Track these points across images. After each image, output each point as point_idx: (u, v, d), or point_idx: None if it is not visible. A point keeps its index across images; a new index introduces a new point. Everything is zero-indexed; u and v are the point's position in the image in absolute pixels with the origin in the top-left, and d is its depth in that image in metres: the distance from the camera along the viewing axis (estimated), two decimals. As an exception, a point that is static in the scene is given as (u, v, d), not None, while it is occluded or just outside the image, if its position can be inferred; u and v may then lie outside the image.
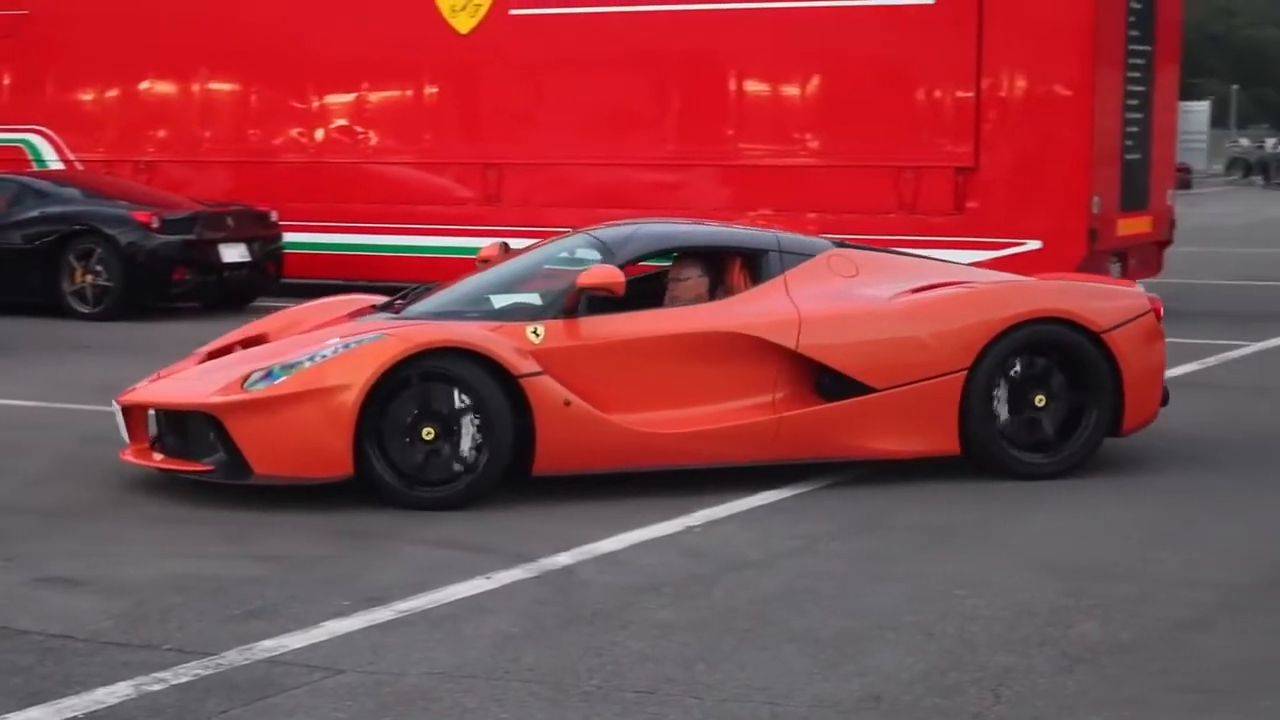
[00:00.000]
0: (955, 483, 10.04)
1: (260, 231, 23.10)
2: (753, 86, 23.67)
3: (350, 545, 8.64)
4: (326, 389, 9.34)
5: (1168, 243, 23.59)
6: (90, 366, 16.18)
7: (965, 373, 10.42)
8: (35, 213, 22.78)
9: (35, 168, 26.94)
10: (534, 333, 9.94)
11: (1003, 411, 10.43)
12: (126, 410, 10.06)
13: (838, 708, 5.95)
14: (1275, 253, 32.75)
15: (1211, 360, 16.98)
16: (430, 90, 25.52)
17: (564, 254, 11.20)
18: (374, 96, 25.85)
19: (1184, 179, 69.11)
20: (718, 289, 10.68)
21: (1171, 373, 12.45)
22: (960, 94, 21.78)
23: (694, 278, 10.61)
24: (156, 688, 6.21)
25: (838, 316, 10.59)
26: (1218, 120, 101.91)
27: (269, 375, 9.50)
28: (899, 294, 10.83)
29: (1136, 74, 22.15)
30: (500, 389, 9.54)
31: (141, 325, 20.55)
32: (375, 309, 11.23)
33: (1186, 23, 26.94)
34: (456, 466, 9.54)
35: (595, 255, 10.64)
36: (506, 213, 24.32)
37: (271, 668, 6.47)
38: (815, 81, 23.22)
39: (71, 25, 27.97)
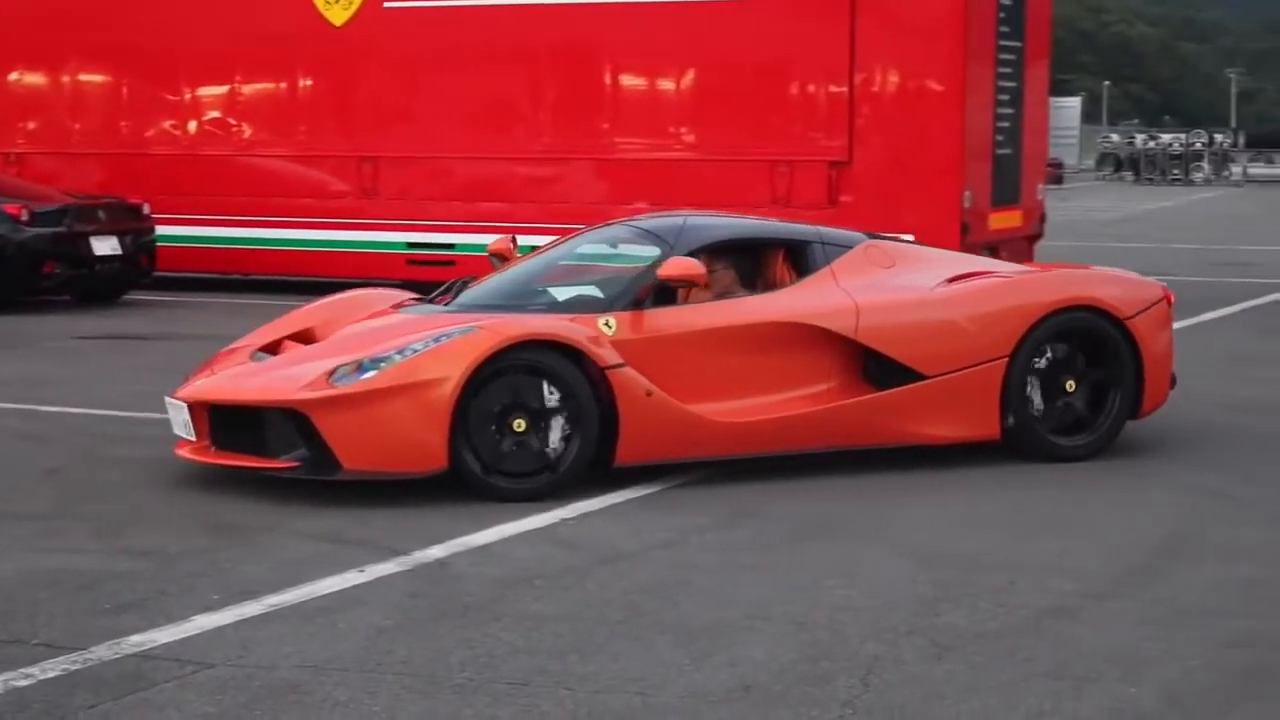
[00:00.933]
0: (829, 474, 10.10)
1: (132, 224, 22.84)
2: (628, 80, 23.70)
3: (222, 539, 8.56)
4: (421, 383, 9.36)
5: (1038, 237, 23.84)
6: None
7: (1006, 359, 10.76)
8: None
9: None
10: (606, 324, 10.04)
11: (1036, 397, 10.78)
12: (191, 407, 9.90)
13: (709, 698, 5.98)
14: (1143, 247, 33.10)
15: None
16: (305, 82, 25.34)
17: (609, 246, 11.61)
18: (248, 88, 25.63)
19: (1055, 174, 69.80)
20: (758, 282, 10.89)
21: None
22: (834, 89, 21.86)
23: (720, 270, 10.71)
24: (24, 683, 6.16)
25: (891, 306, 10.86)
26: (1089, 116, 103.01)
27: (359, 369, 9.51)
28: (940, 284, 11.15)
29: (1007, 69, 22.35)
30: (588, 381, 9.69)
31: (10, 319, 20.31)
32: (418, 302, 11.34)
33: (1057, 19, 27.18)
34: (545, 458, 9.63)
35: (650, 248, 10.83)
36: (382, 206, 24.37)
37: (141, 662, 6.42)
38: (690, 75, 23.29)
39: None
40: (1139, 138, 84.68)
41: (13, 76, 27.01)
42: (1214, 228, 41.07)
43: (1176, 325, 12.27)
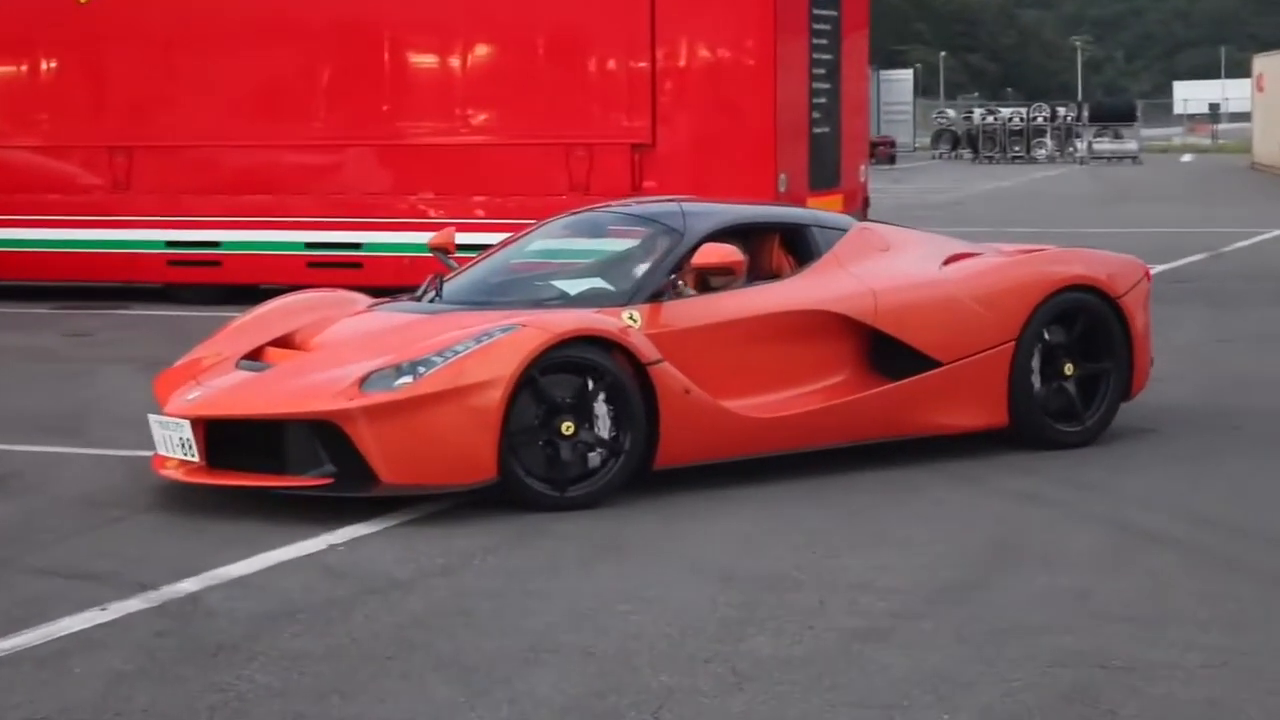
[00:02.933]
0: (627, 490, 10.02)
1: None
2: (412, 58, 23.56)
3: (-52, 576, 8.37)
4: (468, 386, 9.30)
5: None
6: None
7: (1014, 343, 11.12)
8: None
9: None
10: (630, 318, 10.10)
11: (1037, 381, 11.20)
12: (194, 424, 9.67)
13: None
14: (979, 230, 33.39)
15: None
16: (49, 64, 24.86)
17: (599, 234, 11.90)
18: None
19: (887, 153, 70.62)
20: (755, 269, 10.98)
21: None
22: (634, 64, 21.84)
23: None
24: None
25: (904, 290, 11.09)
26: (925, 90, 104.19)
27: (398, 373, 9.41)
28: (940, 267, 11.47)
29: (823, 41, 22.35)
30: (634, 378, 9.80)
31: None
32: (396, 299, 11.51)
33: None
34: (594, 461, 9.71)
35: (648, 235, 11.05)
36: (137, 201, 23.92)
37: None
38: (480, 52, 23.16)
39: None
40: (977, 112, 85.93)
41: None
42: (1055, 208, 41.69)
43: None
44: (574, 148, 22.10)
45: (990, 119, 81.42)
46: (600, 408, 9.67)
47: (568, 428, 9.55)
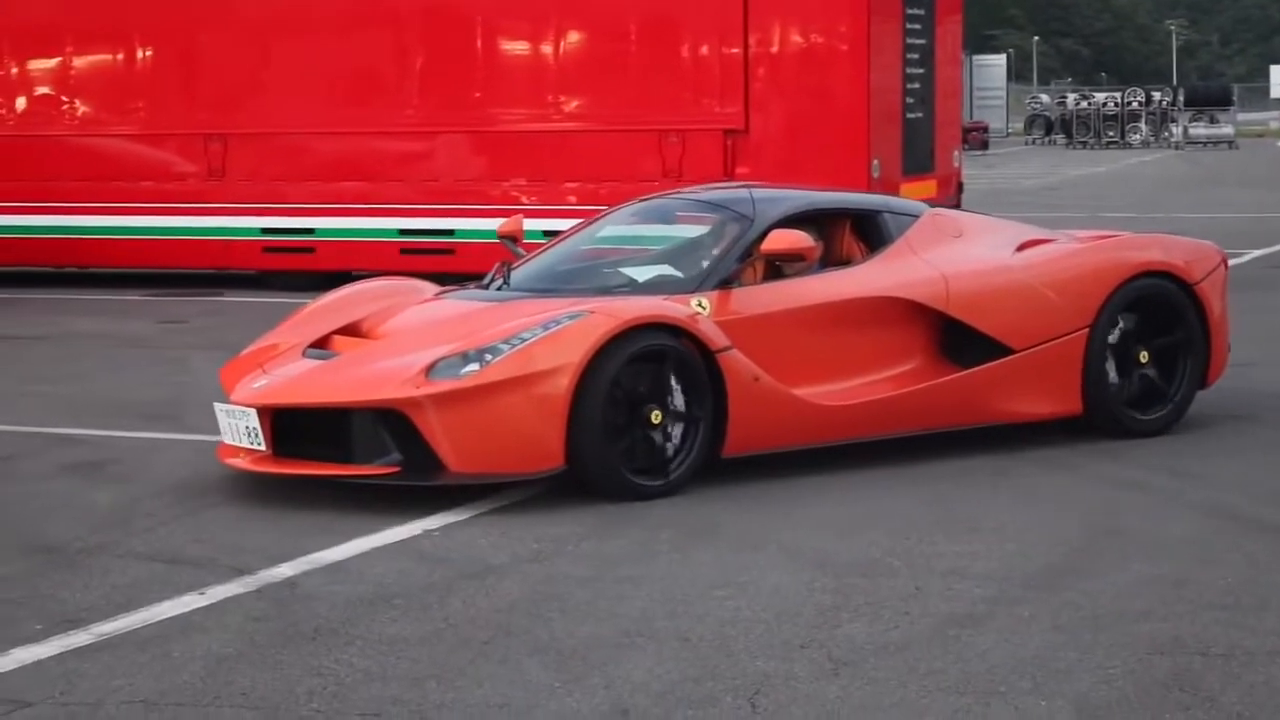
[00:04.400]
0: (717, 476, 10.02)
1: None
2: (505, 45, 23.48)
3: (45, 562, 8.44)
4: (536, 374, 9.23)
5: (954, 208, 23.17)
6: None
7: (1087, 330, 11.00)
8: None
9: None
10: (700, 305, 10.00)
11: (1111, 369, 11.07)
12: (261, 413, 9.65)
13: None
14: (1069, 217, 33.35)
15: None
16: (145, 53, 24.91)
17: (667, 220, 11.76)
18: (81, 61, 25.18)
19: (980, 138, 70.39)
20: (826, 255, 10.84)
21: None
22: (727, 51, 21.75)
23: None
24: None
25: (976, 276, 11.00)
26: (1018, 75, 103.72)
27: (464, 362, 9.33)
28: (1013, 253, 11.36)
29: (916, 26, 22.26)
30: (704, 365, 9.71)
31: None
32: (463, 287, 11.39)
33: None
34: (666, 451, 9.62)
35: (732, 222, 10.79)
36: (232, 188, 24.05)
37: (-49, 702, 6.37)
38: (573, 39, 23.07)
39: None
40: (1071, 97, 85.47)
41: None
42: (1149, 193, 41.52)
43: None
44: (667, 134, 22.02)
45: (1084, 104, 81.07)
46: (675, 387, 9.60)
47: (656, 416, 9.51)
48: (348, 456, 9.45)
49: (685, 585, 7.85)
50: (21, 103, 25.31)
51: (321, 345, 10.35)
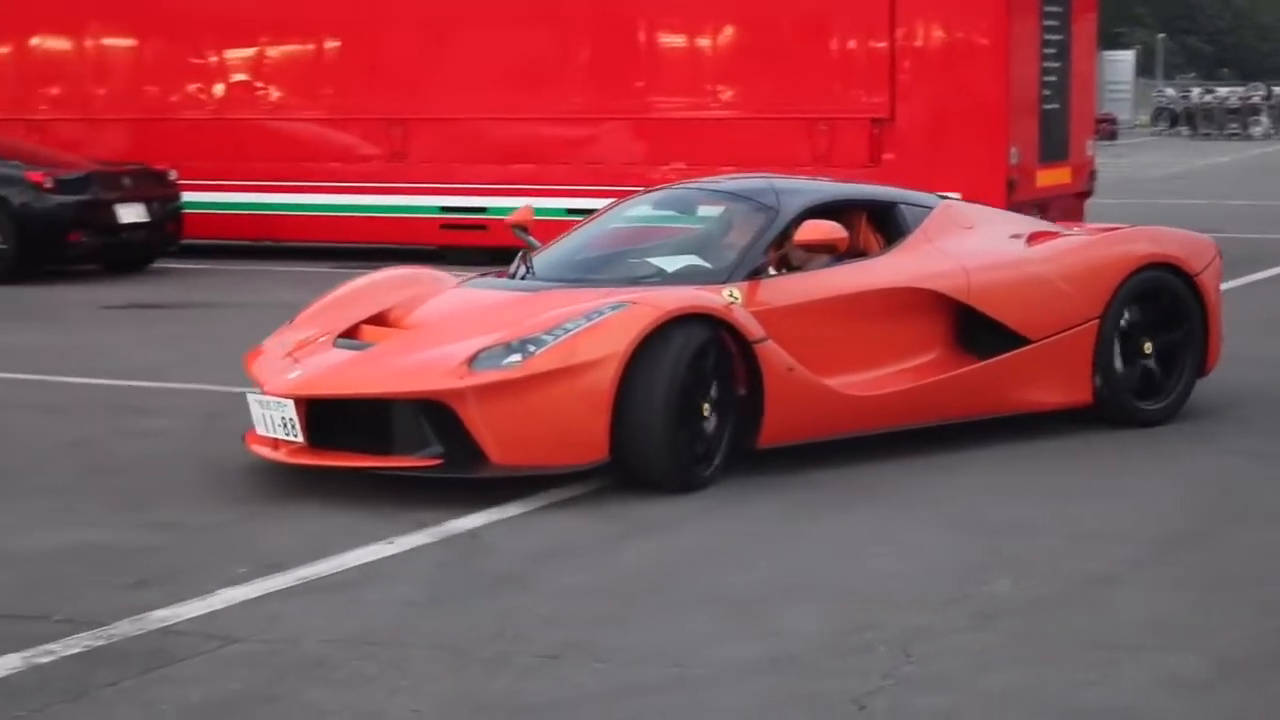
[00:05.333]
0: (875, 440, 10.04)
1: (158, 191, 23.00)
2: (664, 38, 23.67)
3: (247, 511, 8.60)
4: (579, 365, 8.77)
5: (1088, 194, 23.89)
6: None
7: (1098, 321, 10.67)
8: None
9: None
10: (731, 296, 9.60)
11: (1118, 360, 10.74)
12: (298, 403, 9.09)
13: (746, 669, 5.99)
14: (1196, 204, 33.21)
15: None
16: (332, 43, 25.42)
17: (686, 210, 11.31)
18: (274, 50, 25.66)
19: (1109, 129, 69.74)
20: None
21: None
22: (874, 44, 21.84)
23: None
24: (46, 660, 6.20)
25: (994, 267, 10.70)
26: (1144, 69, 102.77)
27: (507, 351, 8.87)
28: (1026, 245, 11.07)
29: (1054, 22, 22.31)
30: (743, 356, 9.37)
31: (36, 288, 20.54)
32: (485, 275, 11.09)
33: (1108, -30, 27.32)
34: (705, 443, 9.19)
35: (757, 212, 10.41)
36: (412, 169, 24.46)
37: (164, 637, 6.46)
38: (728, 32, 23.27)
39: None
40: (1195, 91, 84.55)
41: (34, 41, 27.06)
42: (1271, 183, 41.10)
43: (1230, 284, 12.33)
44: (816, 122, 22.06)
45: (1208, 98, 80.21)
46: (712, 385, 9.17)
47: (706, 409, 9.11)
48: (387, 448, 8.98)
49: (843, 541, 7.92)
50: (220, 89, 25.79)
51: (351, 335, 9.87)
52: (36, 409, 11.88)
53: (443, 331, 9.47)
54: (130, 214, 22.52)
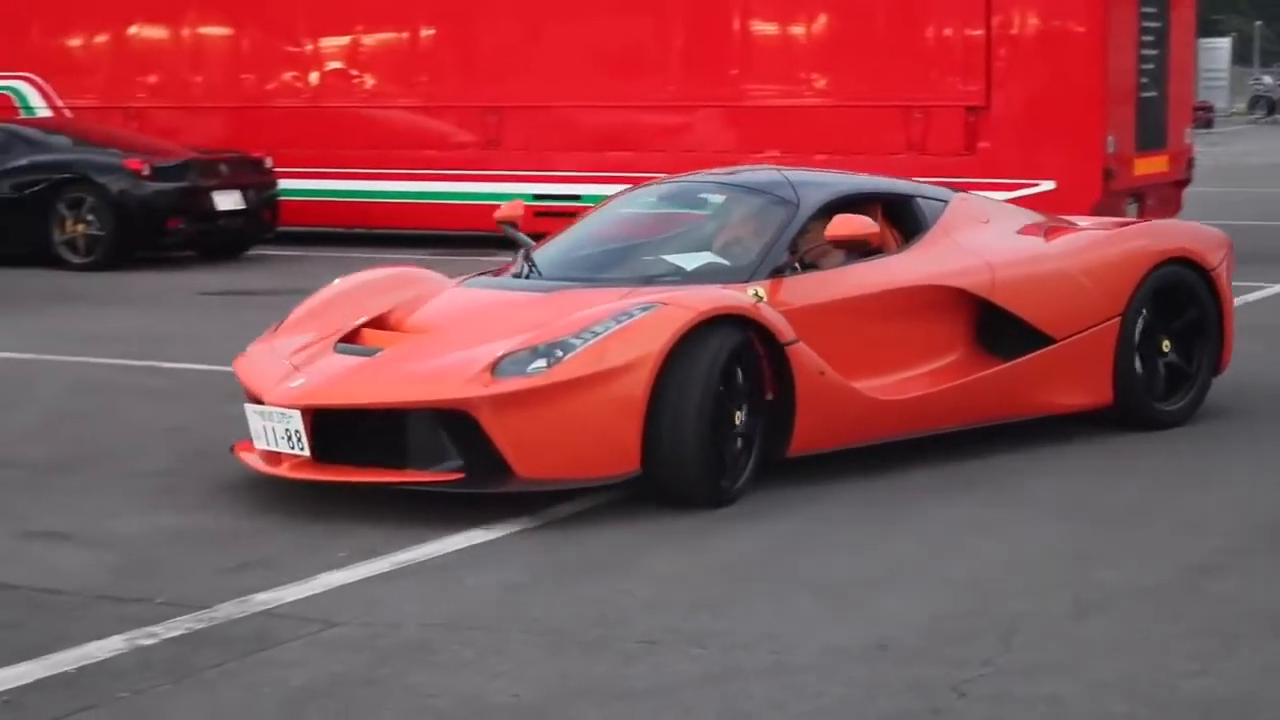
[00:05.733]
0: (971, 429, 10.02)
1: (255, 179, 23.38)
2: (759, 26, 23.75)
3: (347, 497, 8.61)
4: (609, 370, 8.20)
5: (1186, 182, 23.77)
6: (81, 318, 16.50)
7: (1119, 319, 10.32)
8: (24, 161, 23.02)
9: (23, 115, 27.27)
10: (756, 295, 9.02)
11: (1136, 359, 10.38)
12: (305, 414, 8.46)
13: (845, 655, 5.99)
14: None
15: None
16: (427, 32, 25.58)
17: (698, 204, 10.60)
18: (369, 39, 25.98)
19: (1205, 117, 69.35)
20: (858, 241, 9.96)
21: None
22: (970, 31, 21.84)
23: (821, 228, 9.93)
24: (148, 641, 6.27)
25: (1019, 264, 10.34)
26: (1240, 57, 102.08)
27: (533, 356, 8.29)
28: (1046, 239, 10.74)
29: (1151, 9, 22.26)
30: (771, 359, 8.87)
31: (134, 275, 20.86)
32: (482, 274, 10.48)
33: (1206, -44, 27.35)
34: (736, 451, 8.64)
35: (776, 207, 9.91)
36: (506, 157, 24.55)
37: (267, 620, 6.54)
38: (822, 19, 23.33)
39: None
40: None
41: (132, 30, 27.56)
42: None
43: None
44: (911, 110, 22.13)
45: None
46: (744, 391, 8.65)
47: (738, 417, 8.59)
48: (401, 461, 8.39)
49: (942, 530, 7.93)
50: (315, 77, 26.12)
51: (352, 340, 9.23)
52: (137, 393, 12.05)
53: (456, 335, 8.93)
54: (227, 201, 22.78)
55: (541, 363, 8.15)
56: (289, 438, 8.43)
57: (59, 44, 28.65)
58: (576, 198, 23.69)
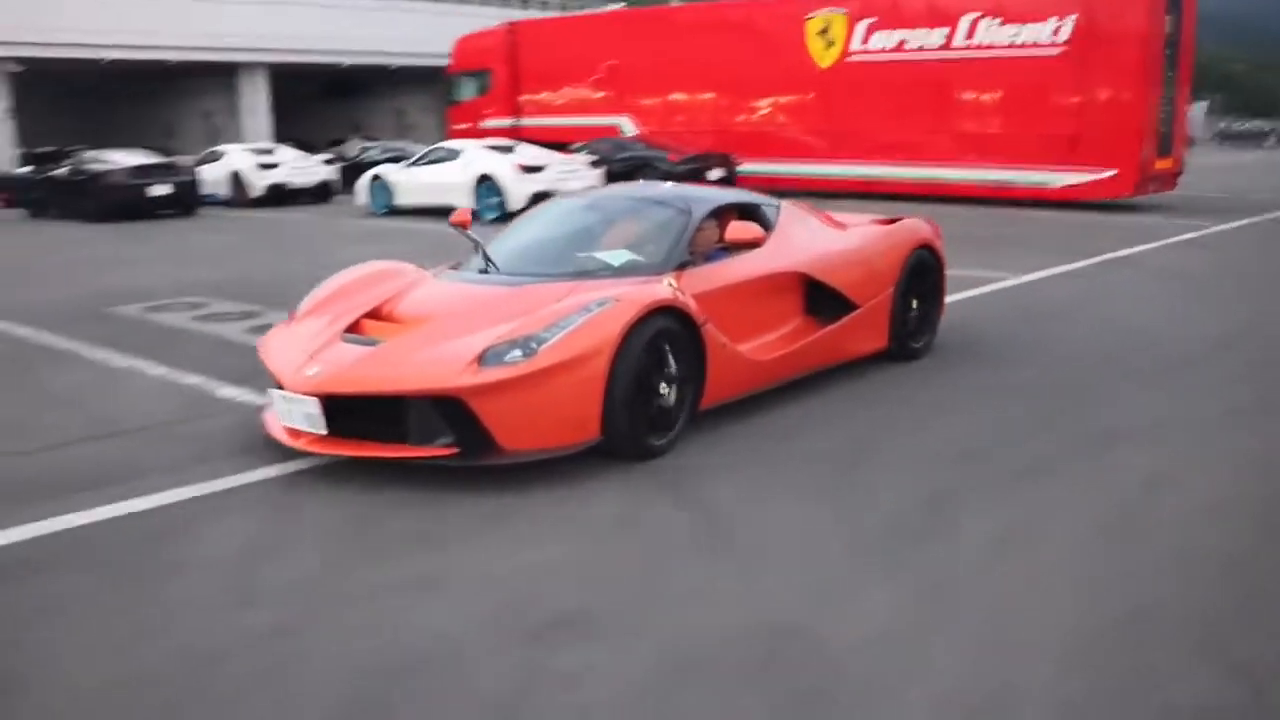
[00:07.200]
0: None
1: (727, 165, 28.83)
2: (971, 94, 27.13)
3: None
4: (577, 357, 7.61)
5: (1179, 174, 27.10)
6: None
7: (893, 288, 10.47)
8: (625, 154, 29.29)
9: (622, 134, 33.78)
10: (670, 285, 8.56)
11: (902, 313, 10.69)
12: (321, 400, 7.81)
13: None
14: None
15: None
16: (806, 98, 30.24)
17: (619, 214, 9.96)
18: (780, 98, 30.93)
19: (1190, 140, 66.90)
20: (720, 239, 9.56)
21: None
22: (1071, 99, 25.21)
23: (710, 228, 9.66)
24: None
25: (836, 254, 10.13)
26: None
27: (512, 348, 7.66)
28: (843, 233, 10.65)
29: (1169, 74, 25.21)
30: (690, 339, 8.33)
31: None
32: (447, 267, 9.92)
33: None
34: (669, 413, 8.22)
35: (678, 215, 9.56)
36: (842, 155, 28.89)
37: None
38: (1001, 93, 26.74)
39: (639, 67, 34.83)
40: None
41: (672, 96, 33.76)
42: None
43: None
44: (1048, 136, 25.79)
45: None
46: (670, 365, 8.24)
47: (663, 386, 8.16)
48: (404, 437, 7.70)
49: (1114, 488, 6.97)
50: (752, 115, 30.94)
51: (355, 330, 8.61)
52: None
53: (443, 327, 8.20)
54: (714, 175, 28.16)
55: (518, 353, 7.59)
56: (308, 419, 7.85)
57: (638, 101, 34.86)
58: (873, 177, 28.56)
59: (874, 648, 5.20)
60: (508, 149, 27.09)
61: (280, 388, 8.08)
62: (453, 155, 27.37)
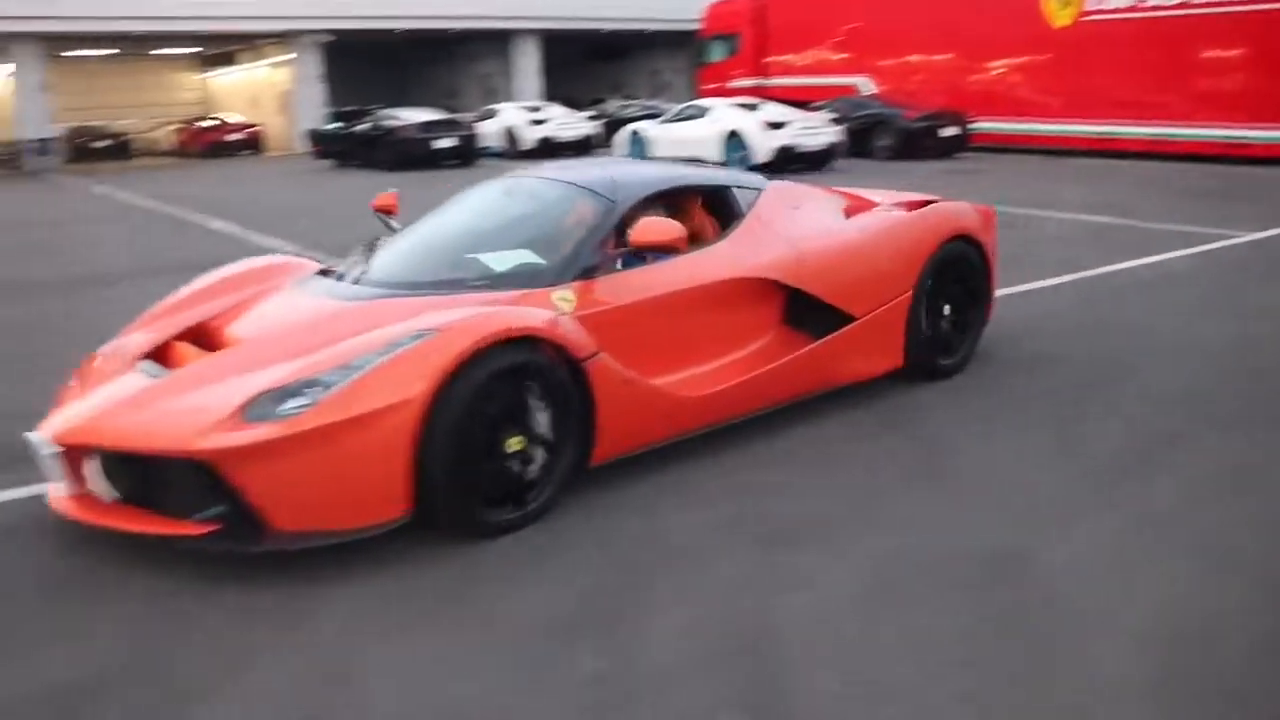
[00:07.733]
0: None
1: (961, 122, 28.56)
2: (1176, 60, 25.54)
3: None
4: (372, 412, 5.33)
5: None
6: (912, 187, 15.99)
7: (911, 293, 7.98)
8: (863, 112, 29.16)
9: (860, 94, 32.91)
10: (563, 299, 6.36)
11: (924, 323, 8.15)
12: (65, 452, 5.67)
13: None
14: None
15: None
16: (1040, 58, 29.23)
17: (525, 202, 7.60)
18: (1017, 66, 29.88)
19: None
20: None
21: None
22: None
23: (654, 221, 6.77)
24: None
25: (825, 252, 7.70)
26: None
27: (283, 397, 5.41)
28: (843, 221, 8.17)
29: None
30: (570, 376, 6.01)
31: (905, 164, 24.58)
32: (323, 274, 7.36)
33: None
34: (529, 474, 5.89)
35: (588, 202, 7.13)
36: (1072, 114, 28.06)
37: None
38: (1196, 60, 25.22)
39: (878, 29, 34.19)
40: None
41: (910, 58, 32.93)
42: None
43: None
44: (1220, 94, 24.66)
45: None
46: (537, 406, 5.90)
47: (516, 443, 5.79)
48: (164, 506, 5.48)
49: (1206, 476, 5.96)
50: (984, 78, 30.36)
51: (159, 354, 6.47)
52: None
53: (238, 359, 6.00)
54: (948, 131, 27.69)
55: (292, 404, 5.37)
56: (56, 473, 5.77)
57: (876, 62, 34.25)
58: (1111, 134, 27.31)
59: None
60: (753, 107, 27.00)
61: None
62: (702, 113, 27.25)
